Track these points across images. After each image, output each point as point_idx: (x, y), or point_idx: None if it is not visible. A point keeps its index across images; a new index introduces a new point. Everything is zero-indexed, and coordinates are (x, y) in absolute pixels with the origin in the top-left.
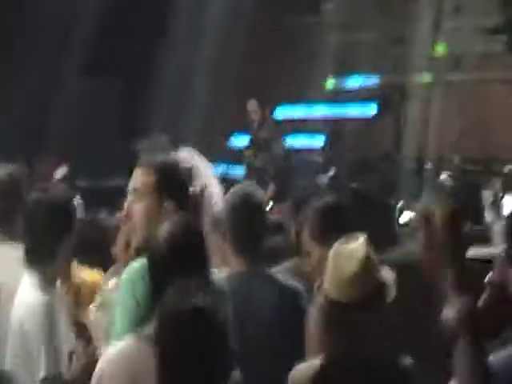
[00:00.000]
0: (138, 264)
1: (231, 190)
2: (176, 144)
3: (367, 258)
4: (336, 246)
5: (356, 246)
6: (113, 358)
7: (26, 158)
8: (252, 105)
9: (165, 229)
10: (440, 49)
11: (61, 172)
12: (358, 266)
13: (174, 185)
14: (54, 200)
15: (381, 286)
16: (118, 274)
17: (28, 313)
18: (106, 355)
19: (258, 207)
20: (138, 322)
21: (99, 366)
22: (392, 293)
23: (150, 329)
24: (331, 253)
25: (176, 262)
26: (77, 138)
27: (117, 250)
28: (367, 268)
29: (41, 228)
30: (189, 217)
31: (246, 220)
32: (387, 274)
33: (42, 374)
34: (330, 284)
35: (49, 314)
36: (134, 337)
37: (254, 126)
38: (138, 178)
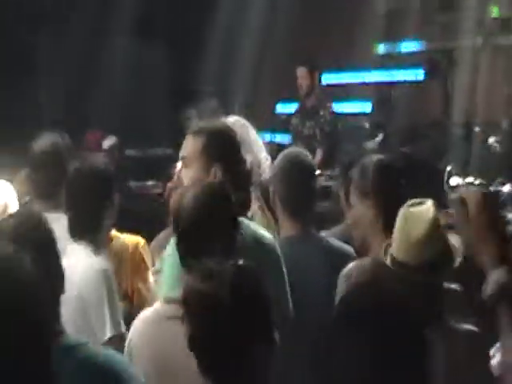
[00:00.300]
0: None
1: (281, 155)
2: (225, 108)
3: (435, 221)
4: (404, 208)
5: (425, 208)
6: (141, 322)
7: (73, 129)
8: (301, 71)
9: (189, 194)
10: (494, 11)
11: (108, 142)
12: (427, 228)
13: (221, 149)
14: (94, 168)
15: (448, 250)
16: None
17: (89, 278)
18: (136, 320)
19: (309, 170)
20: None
21: (131, 330)
22: (459, 257)
23: (176, 292)
24: (399, 215)
25: (201, 227)
26: (124, 107)
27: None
28: (435, 231)
29: (83, 196)
30: (216, 182)
31: (297, 183)
32: (454, 239)
33: (108, 334)
34: (397, 246)
35: (110, 278)
36: (163, 301)
37: (302, 92)
38: (187, 145)
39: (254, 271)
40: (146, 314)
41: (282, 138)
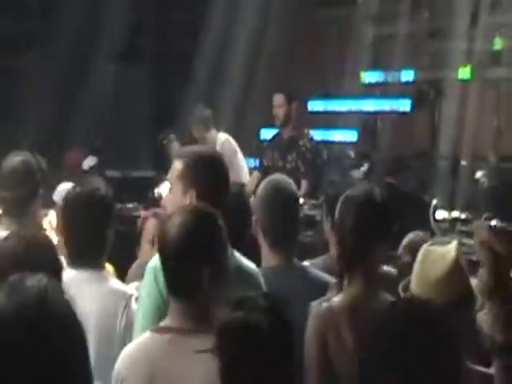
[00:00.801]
0: None
1: (263, 182)
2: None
3: (456, 262)
4: (426, 246)
5: (447, 248)
6: (129, 352)
7: (53, 149)
8: (278, 98)
9: (174, 219)
10: (498, 43)
11: (89, 162)
12: (446, 269)
13: (197, 174)
14: (96, 193)
15: (468, 293)
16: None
17: (125, 305)
18: (124, 351)
19: (292, 198)
20: (161, 311)
21: (118, 364)
22: (479, 300)
23: (167, 322)
24: (420, 253)
25: (187, 252)
26: (106, 128)
27: (142, 249)
28: (455, 273)
29: (86, 223)
30: (204, 205)
31: (279, 211)
32: (475, 282)
33: None
34: (415, 283)
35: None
36: (151, 330)
37: (278, 122)
38: (171, 169)
39: (282, 299)
40: (135, 345)
41: None
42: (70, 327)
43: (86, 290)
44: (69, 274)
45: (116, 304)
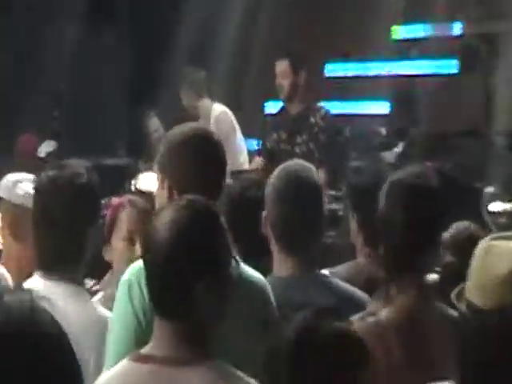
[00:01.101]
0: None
1: (278, 169)
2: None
3: None
4: (487, 240)
5: None
6: (105, 381)
7: (2, 132)
8: (281, 66)
9: (165, 214)
10: None
11: (46, 148)
12: None
13: (172, 162)
14: (75, 178)
15: None
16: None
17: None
18: (98, 379)
19: (313, 191)
20: (137, 334)
21: None
22: None
23: (149, 348)
24: (479, 247)
25: (178, 257)
26: (67, 107)
27: (113, 248)
28: None
29: (63, 219)
30: (202, 198)
31: (295, 207)
32: None
33: None
34: (473, 286)
35: None
36: (128, 357)
37: (282, 96)
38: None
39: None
40: (111, 373)
41: None
42: (56, 336)
43: (63, 308)
44: (38, 286)
45: (96, 329)
